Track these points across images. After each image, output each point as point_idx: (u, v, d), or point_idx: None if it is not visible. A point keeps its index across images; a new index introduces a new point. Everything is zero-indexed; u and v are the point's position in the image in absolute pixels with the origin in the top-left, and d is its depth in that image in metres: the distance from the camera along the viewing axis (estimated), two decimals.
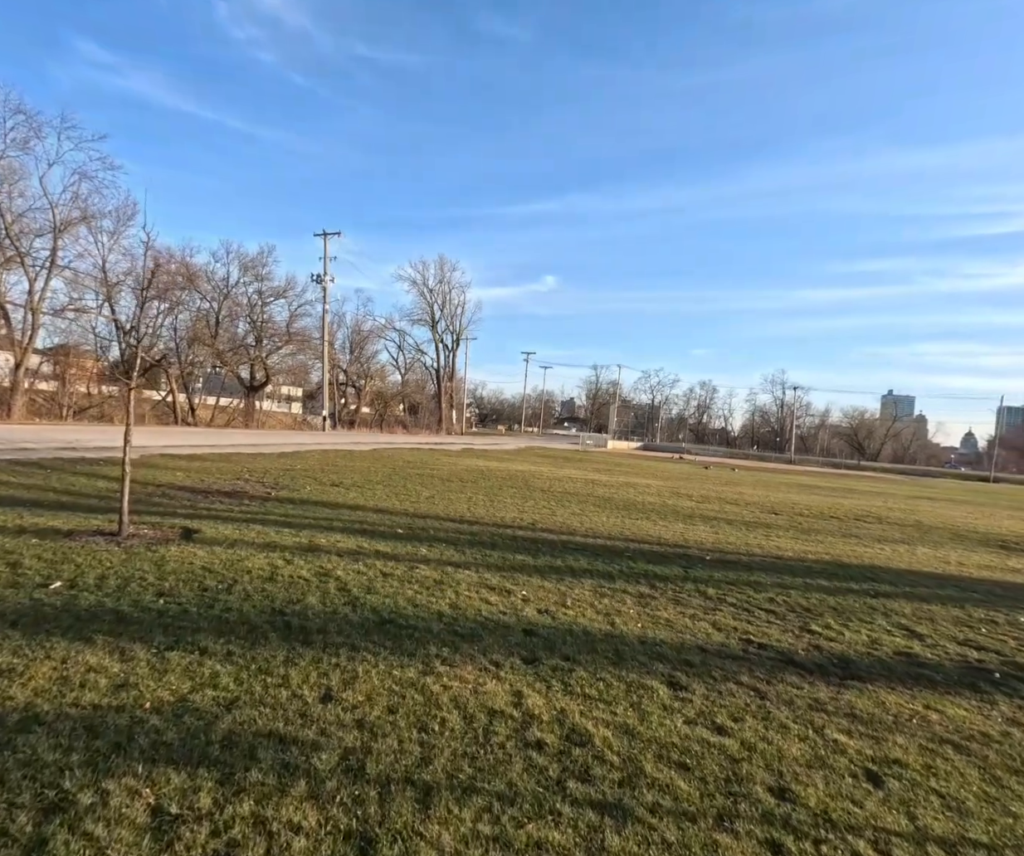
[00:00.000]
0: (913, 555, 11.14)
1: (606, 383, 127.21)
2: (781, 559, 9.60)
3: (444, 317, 73.99)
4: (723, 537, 11.24)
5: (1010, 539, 15.17)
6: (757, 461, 74.44)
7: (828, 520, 15.88)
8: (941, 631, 6.31)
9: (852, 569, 9.21)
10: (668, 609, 6.18)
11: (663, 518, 13.11)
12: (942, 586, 8.57)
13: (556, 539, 9.54)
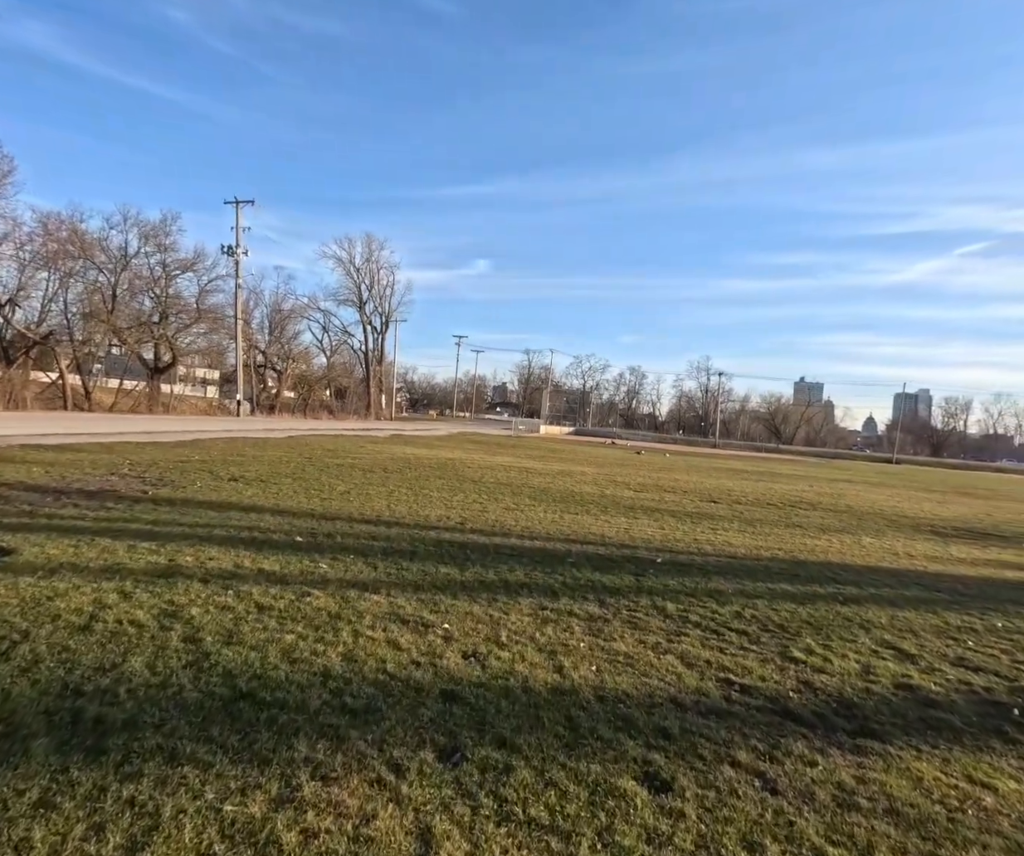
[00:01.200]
0: (861, 546, 10.64)
1: (538, 368, 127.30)
2: (735, 558, 8.73)
3: (372, 298, 70.85)
4: (669, 533, 10.32)
5: (938, 524, 15.26)
6: (685, 445, 76.30)
7: (766, 508, 15.46)
8: (929, 647, 5.49)
9: (810, 568, 8.45)
10: (625, 637, 5.01)
11: (604, 512, 12.09)
12: (904, 585, 7.94)
13: (488, 542, 8.23)
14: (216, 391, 63.38)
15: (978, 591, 7.94)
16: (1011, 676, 4.96)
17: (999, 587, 8.33)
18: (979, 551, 11.51)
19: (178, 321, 45.87)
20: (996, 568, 9.75)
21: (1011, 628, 6.34)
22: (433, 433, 42.94)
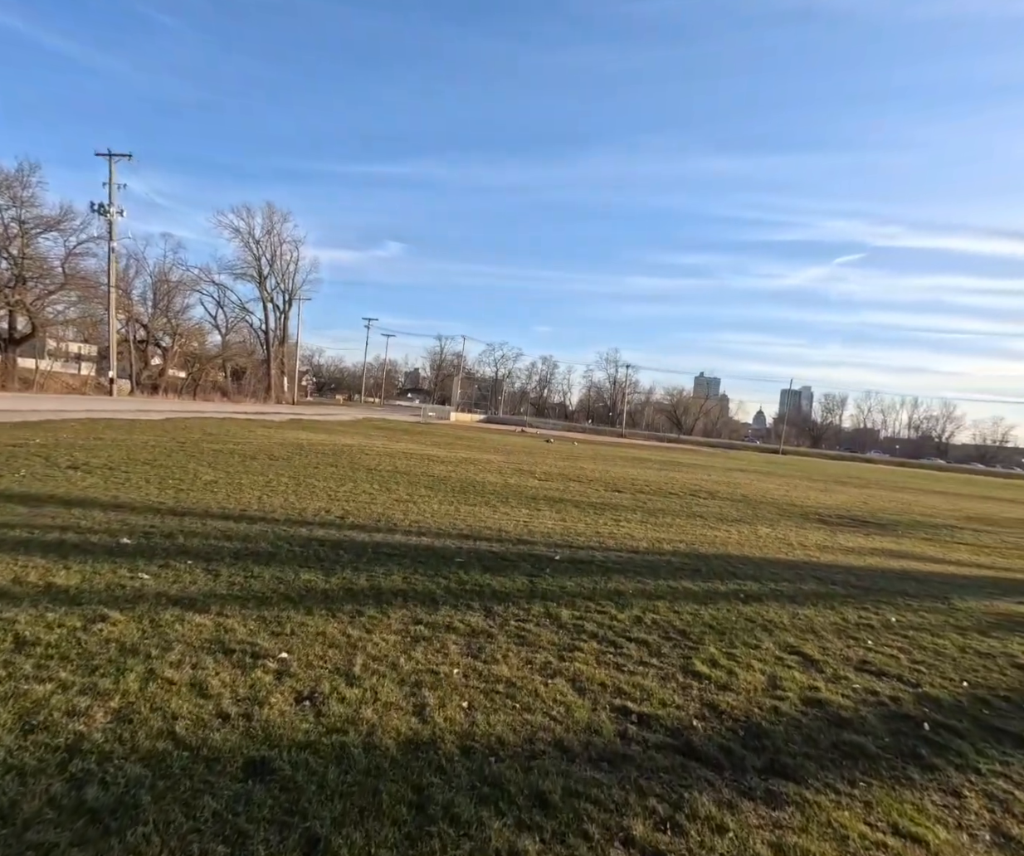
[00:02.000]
0: (758, 537, 10.62)
1: (451, 354, 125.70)
2: (637, 552, 8.27)
3: (274, 273, 66.26)
4: (571, 525, 9.75)
5: (824, 512, 15.90)
6: (593, 434, 77.95)
7: (668, 497, 15.43)
8: (831, 650, 5.16)
9: (711, 562, 8.14)
10: (510, 657, 4.24)
11: (505, 502, 11.37)
12: (802, 578, 7.79)
13: (368, 540, 7.23)
14: (93, 368, 56.86)
15: (869, 582, 7.94)
16: (913, 680, 4.68)
17: (886, 577, 8.42)
18: (863, 539, 11.91)
19: (40, 286, 40.43)
20: (881, 557, 9.99)
21: (904, 623, 6.22)
22: (337, 418, 40.73)
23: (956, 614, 6.81)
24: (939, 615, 6.68)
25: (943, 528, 15.38)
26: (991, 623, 6.60)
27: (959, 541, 13.24)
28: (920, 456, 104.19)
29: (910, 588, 7.83)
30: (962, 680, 4.80)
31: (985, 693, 4.58)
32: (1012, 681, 4.90)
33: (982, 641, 5.90)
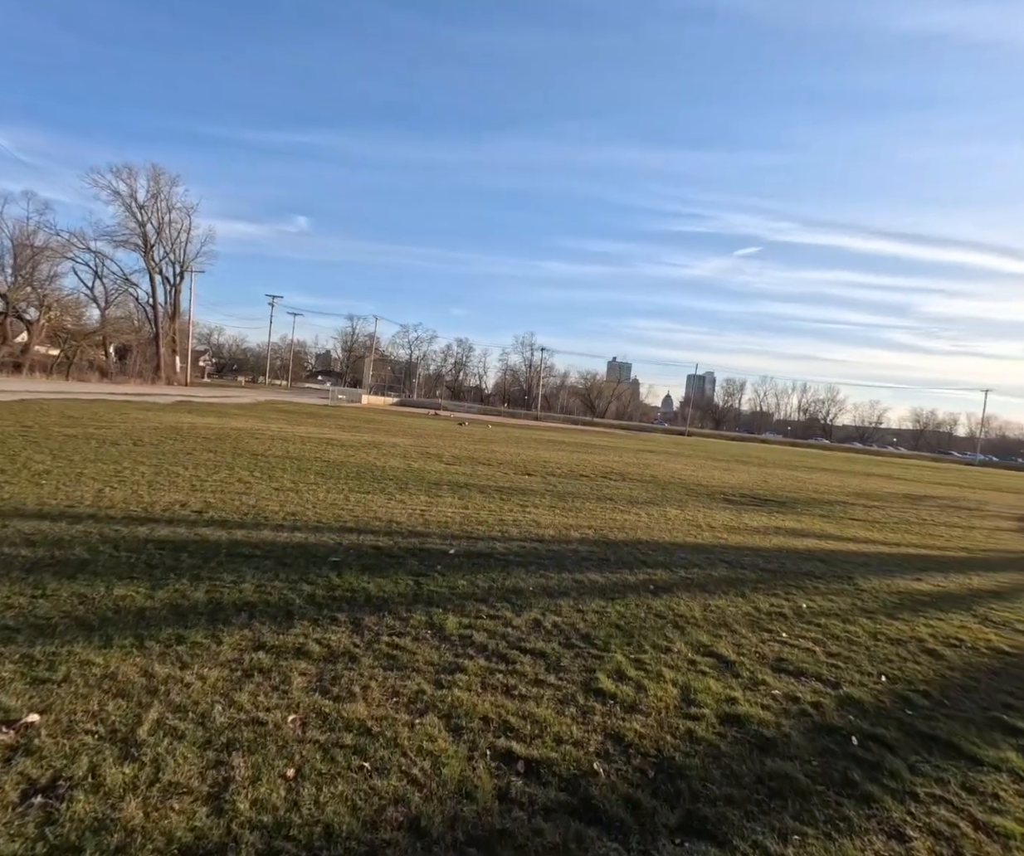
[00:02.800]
0: (667, 520, 10.30)
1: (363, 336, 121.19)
2: (543, 541, 7.59)
3: (162, 243, 60.42)
4: (473, 513, 8.94)
5: (729, 492, 16.11)
6: (508, 417, 77.78)
7: (579, 480, 15.02)
8: (746, 647, 4.67)
9: (620, 549, 7.61)
10: (371, 690, 3.34)
11: (404, 489, 10.38)
12: (712, 563, 7.41)
13: (225, 539, 6.05)
14: None
15: (777, 564, 7.72)
16: (832, 678, 4.25)
17: (792, 558, 8.26)
18: (766, 518, 11.97)
19: None
20: (785, 536, 9.95)
21: (815, 609, 5.91)
22: (235, 401, 37.63)
23: (862, 595, 6.64)
24: (847, 598, 6.47)
25: (836, 504, 16.01)
26: (895, 604, 6.47)
27: (852, 517, 13.71)
28: (808, 436, 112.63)
29: (816, 569, 7.67)
30: (880, 673, 4.43)
31: (904, 688, 4.22)
32: (926, 671, 4.60)
33: (890, 625, 5.67)
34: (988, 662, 4.96)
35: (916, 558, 9.30)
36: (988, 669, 4.79)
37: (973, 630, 5.78)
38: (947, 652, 5.07)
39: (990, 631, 5.81)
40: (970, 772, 3.19)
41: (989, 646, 5.35)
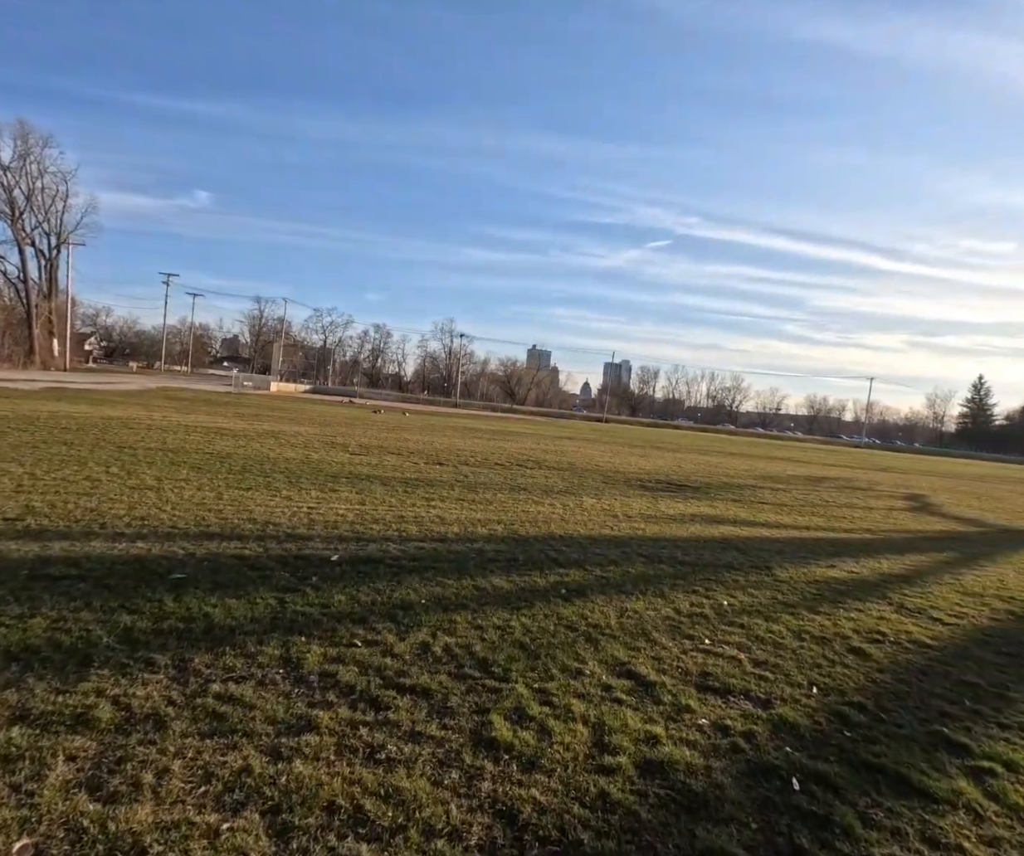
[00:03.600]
0: (583, 510, 9.77)
1: (273, 320, 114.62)
2: (445, 540, 6.76)
3: (34, 211, 53.98)
4: (371, 509, 7.97)
5: (645, 478, 15.96)
6: (427, 405, 76.16)
7: (493, 468, 14.29)
8: (668, 661, 4.07)
9: (531, 546, 6.91)
10: (172, 777, 2.37)
11: (294, 484, 9.21)
12: (629, 558, 6.87)
13: (33, 554, 4.77)
14: None
15: (695, 555, 7.31)
16: (761, 694, 3.72)
17: (710, 547, 7.91)
18: (682, 504, 11.76)
19: None
20: (701, 524, 9.68)
21: (736, 607, 5.46)
22: (121, 388, 33.97)
23: (781, 587, 6.31)
24: (766, 591, 6.10)
25: (746, 488, 16.25)
26: (814, 595, 6.17)
27: (761, 501, 13.86)
28: (716, 422, 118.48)
29: (734, 559, 7.33)
30: (810, 683, 3.97)
31: (837, 700, 3.76)
32: (856, 676, 4.20)
33: (813, 620, 5.31)
34: (914, 659, 4.65)
35: (826, 543, 9.28)
36: (916, 669, 4.47)
37: (892, 621, 5.54)
38: (872, 650, 4.72)
39: (908, 621, 5.59)
40: (926, 815, 2.68)
41: (911, 640, 5.08)
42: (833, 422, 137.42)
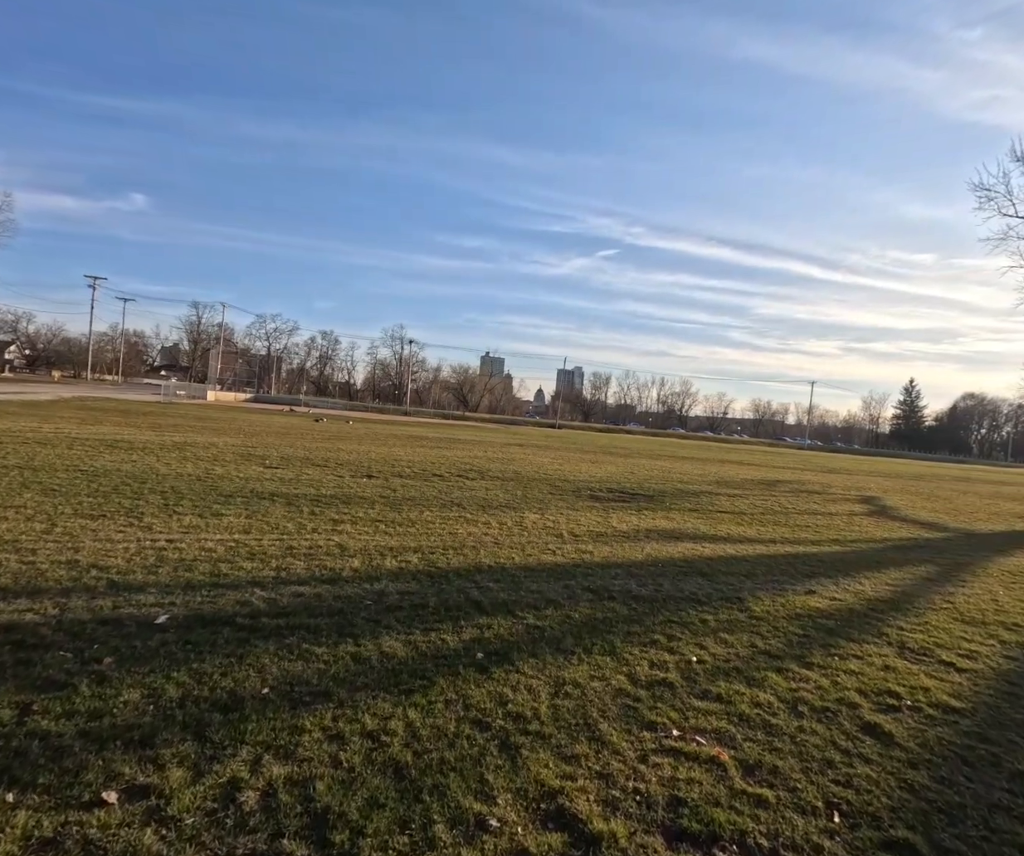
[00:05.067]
0: (523, 529, 8.39)
1: (213, 326, 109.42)
2: (336, 581, 5.23)
3: None
4: (254, 538, 6.37)
5: (595, 486, 14.75)
6: (377, 413, 73.66)
7: (430, 480, 12.79)
8: (620, 785, 2.69)
9: (450, 585, 5.47)
10: None
11: (168, 507, 7.48)
12: (572, 594, 5.52)
13: None
14: None
15: (653, 586, 6.02)
16: (762, 835, 2.40)
17: (669, 574, 6.66)
18: (636, 517, 10.56)
19: None
20: (657, 542, 8.45)
21: (709, 664, 4.17)
22: (30, 398, 30.68)
23: (759, 626, 5.08)
24: (742, 634, 4.85)
25: (702, 495, 15.27)
26: (800, 636, 4.96)
27: (720, 509, 12.83)
28: (667, 426, 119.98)
29: (699, 589, 6.09)
30: (828, 805, 2.68)
31: (874, 838, 2.48)
32: (885, 780, 2.93)
33: (807, 679, 4.07)
34: (945, 736, 3.45)
35: (797, 560, 8.20)
36: (954, 755, 3.25)
37: (901, 672, 4.36)
38: (892, 726, 3.50)
39: (919, 670, 4.43)
40: None
41: (932, 702, 3.90)
42: (777, 425, 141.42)
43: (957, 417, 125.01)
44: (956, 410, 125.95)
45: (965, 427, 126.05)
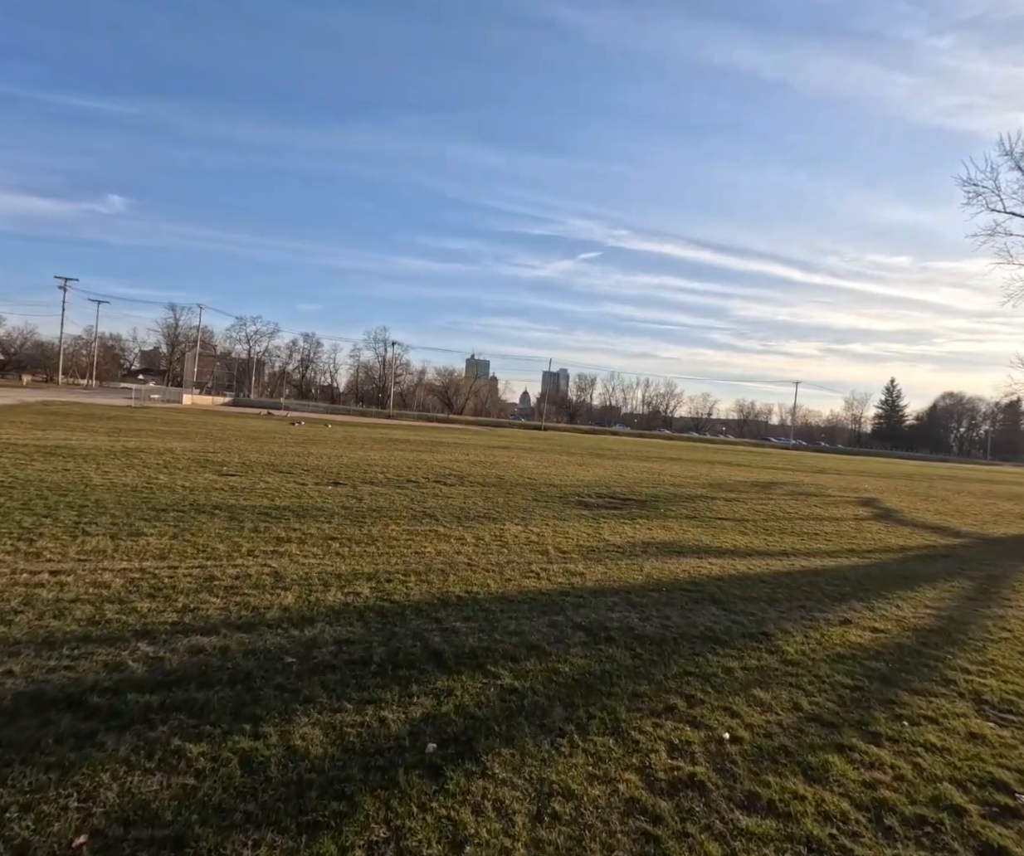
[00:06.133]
0: (502, 544, 7.27)
1: (191, 328, 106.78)
2: (256, 626, 4.05)
3: None
4: (169, 566, 5.16)
5: (584, 492, 13.65)
6: (360, 416, 72.05)
7: (403, 488, 11.61)
8: None
9: (405, 625, 4.30)
10: None
11: (77, 525, 6.24)
12: (559, 636, 4.39)
13: None
14: None
15: (658, 619, 4.92)
16: None
17: (677, 602, 5.57)
18: (630, 526, 9.48)
19: None
20: (658, 558, 7.36)
21: (747, 746, 3.06)
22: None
23: (798, 676, 4.00)
24: (780, 691, 3.76)
25: (698, 500, 14.25)
26: (851, 689, 3.89)
27: (719, 516, 11.81)
28: (652, 427, 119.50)
29: (715, 622, 5.00)
30: None
31: None
32: None
33: (878, 760, 2.99)
34: None
35: (818, 577, 7.16)
36: None
37: (994, 744, 3.31)
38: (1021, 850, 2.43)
39: (1014, 739, 3.38)
40: None
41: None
42: (761, 425, 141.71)
43: (937, 416, 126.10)
44: (936, 409, 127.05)
45: (945, 426, 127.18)
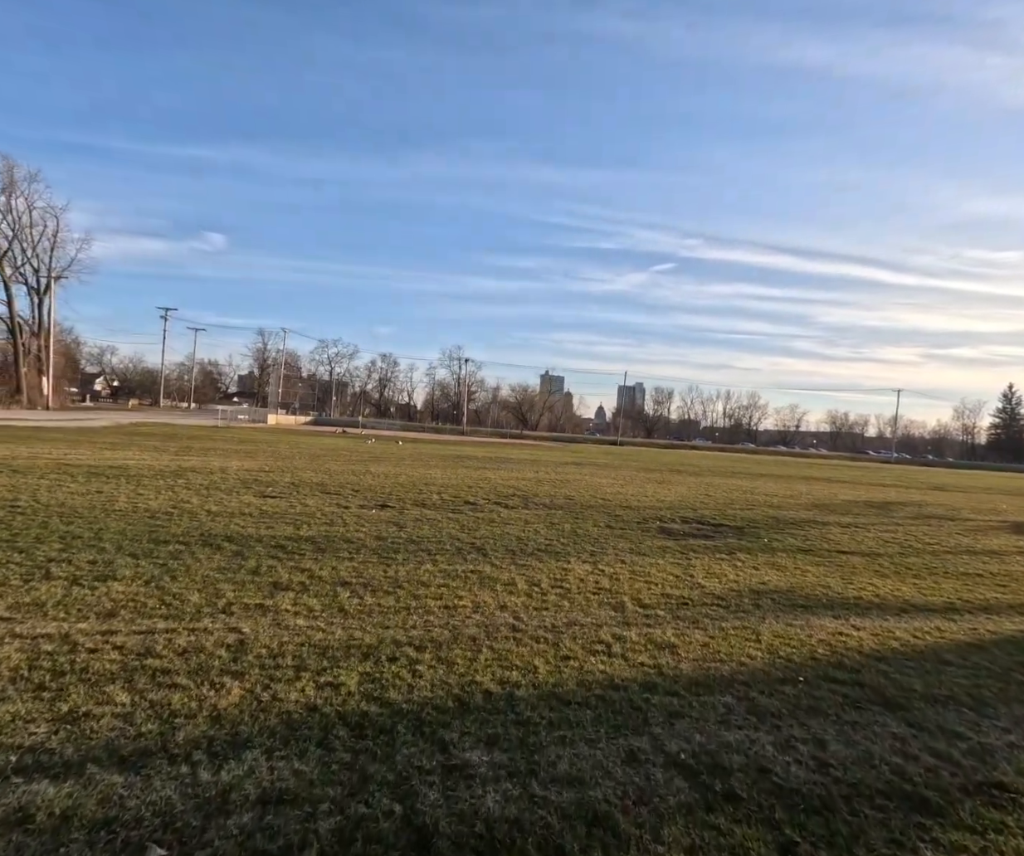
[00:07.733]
0: (564, 595, 5.55)
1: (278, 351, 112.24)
2: (197, 751, 2.59)
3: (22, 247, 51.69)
4: (111, 628, 3.86)
5: (665, 515, 11.65)
6: (433, 433, 72.28)
7: (459, 509, 10.16)
8: None
9: (388, 763, 2.70)
10: None
11: (46, 564, 5.14)
12: (646, 787, 2.64)
13: None
14: None
15: (806, 749, 3.04)
16: None
17: (823, 696, 3.65)
18: (728, 564, 7.50)
19: None
20: (777, 617, 5.39)
21: None
22: (83, 424, 30.48)
23: None
24: None
25: (807, 525, 11.87)
26: None
27: (840, 548, 9.50)
28: (735, 441, 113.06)
29: (906, 757, 3.05)
30: None
31: None
32: None
33: None
34: None
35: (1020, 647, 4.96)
36: None
37: None
38: None
39: None
40: None
41: None
42: (856, 437, 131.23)
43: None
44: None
45: None
